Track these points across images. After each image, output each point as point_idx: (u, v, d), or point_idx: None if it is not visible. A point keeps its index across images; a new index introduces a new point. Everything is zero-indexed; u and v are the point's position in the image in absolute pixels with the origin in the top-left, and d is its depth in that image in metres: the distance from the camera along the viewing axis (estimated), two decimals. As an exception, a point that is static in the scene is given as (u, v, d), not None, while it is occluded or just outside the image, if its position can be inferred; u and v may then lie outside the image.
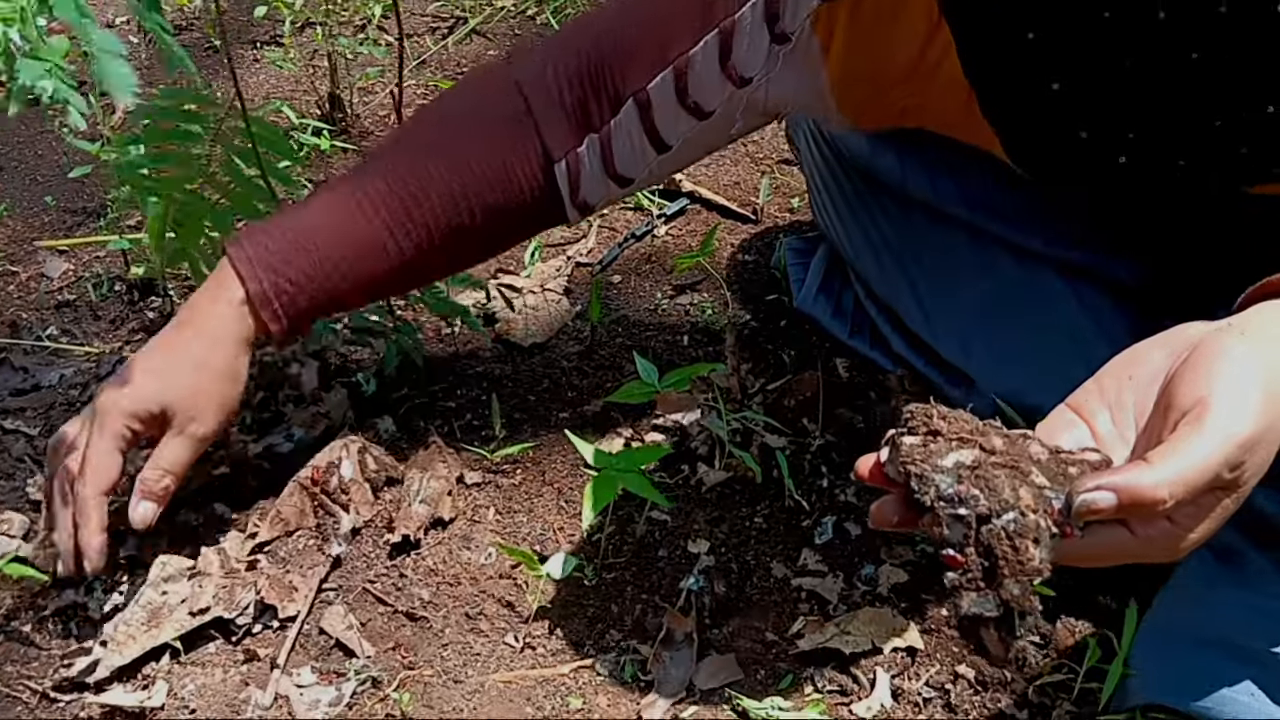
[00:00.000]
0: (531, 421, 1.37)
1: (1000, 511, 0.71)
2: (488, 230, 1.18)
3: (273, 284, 1.12)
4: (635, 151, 1.15)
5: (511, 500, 1.27)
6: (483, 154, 1.14)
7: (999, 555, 0.70)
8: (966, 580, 0.71)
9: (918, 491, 0.72)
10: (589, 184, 1.16)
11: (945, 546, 0.72)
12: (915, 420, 0.75)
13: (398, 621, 1.15)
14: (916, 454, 0.73)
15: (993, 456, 0.73)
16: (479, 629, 1.14)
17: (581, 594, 1.16)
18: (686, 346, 1.47)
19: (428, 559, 1.21)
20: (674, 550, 1.20)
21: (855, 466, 0.78)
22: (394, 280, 1.19)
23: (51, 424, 1.40)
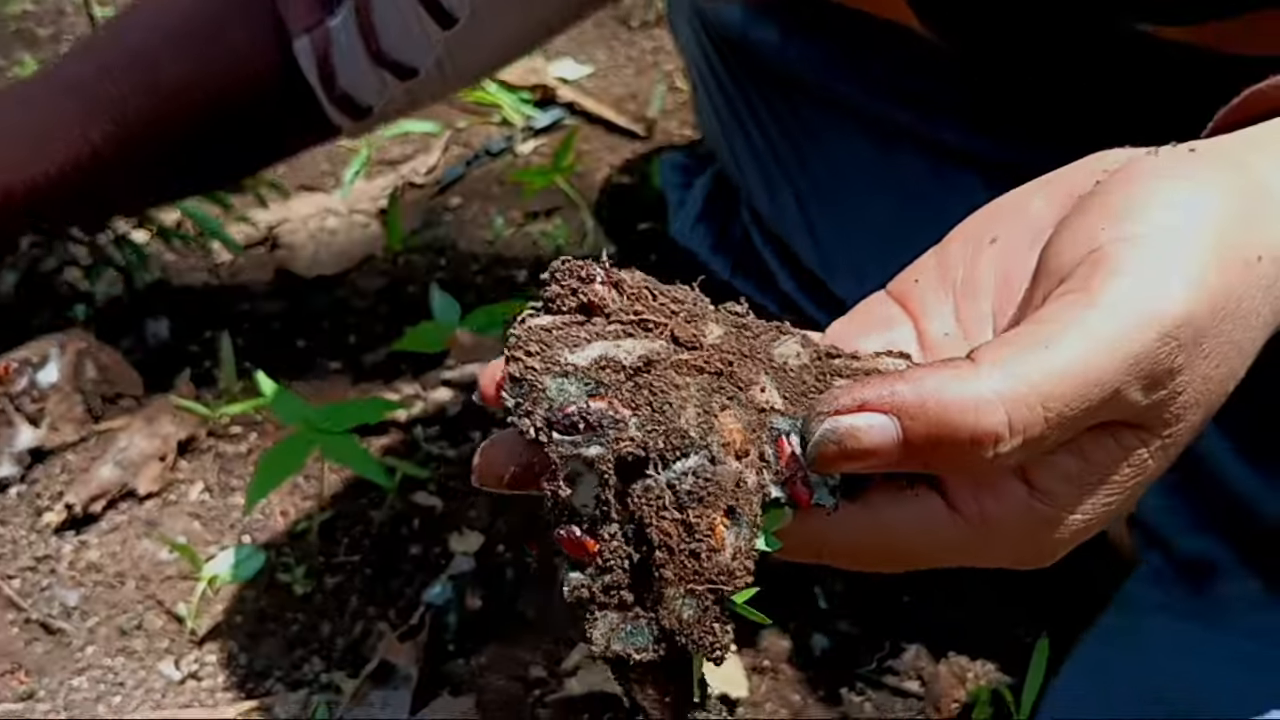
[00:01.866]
0: (288, 372, 1.03)
1: (671, 453, 0.36)
2: (219, 137, 0.91)
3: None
4: (407, 24, 0.83)
5: (230, 474, 0.93)
6: (199, 31, 0.89)
7: (659, 540, 0.36)
8: (603, 587, 0.37)
9: (516, 409, 0.38)
10: (348, 71, 0.86)
11: (562, 519, 0.38)
12: (555, 284, 0.40)
13: (29, 633, 0.82)
14: (532, 342, 0.38)
15: (684, 354, 0.38)
16: (131, 649, 0.80)
17: (286, 606, 0.82)
18: (524, 284, 1.13)
19: (95, 547, 0.87)
20: (432, 547, 0.86)
21: (479, 383, 0.43)
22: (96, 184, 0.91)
23: None
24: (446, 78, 0.89)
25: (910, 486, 0.38)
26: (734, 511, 0.36)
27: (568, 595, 0.37)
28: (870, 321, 0.44)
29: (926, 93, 0.92)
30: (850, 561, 0.40)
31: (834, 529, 0.38)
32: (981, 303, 0.42)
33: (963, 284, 0.43)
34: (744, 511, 0.36)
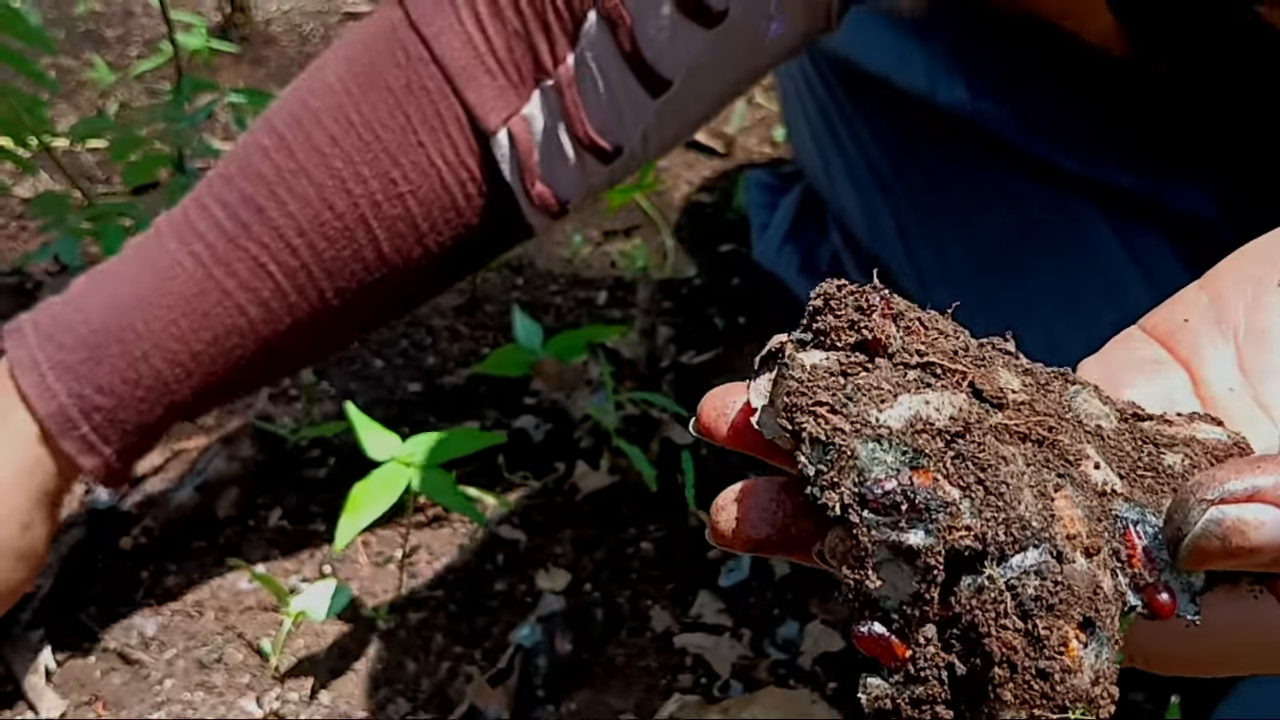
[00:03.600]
0: (364, 393, 1.01)
1: (1010, 547, 0.31)
2: (404, 264, 0.75)
3: (75, 398, 0.72)
4: (617, 98, 0.72)
5: (311, 499, 0.91)
6: (378, 145, 0.72)
7: (1000, 654, 0.30)
8: (911, 699, 0.31)
9: (816, 479, 0.32)
10: (549, 162, 0.74)
11: (866, 614, 0.32)
12: (829, 314, 0.34)
13: (106, 663, 0.80)
14: (823, 390, 0.33)
15: (999, 414, 0.33)
16: (210, 684, 0.78)
17: (369, 643, 0.80)
18: (603, 306, 1.10)
19: (173, 574, 0.85)
20: (518, 585, 0.83)
21: (699, 412, 0.37)
22: (263, 363, 0.76)
23: None
24: (647, 151, 0.77)
25: (1256, 585, 0.33)
26: (1090, 623, 0.30)
27: (866, 704, 0.32)
28: (1132, 364, 0.38)
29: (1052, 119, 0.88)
30: (1162, 666, 0.36)
31: (1164, 635, 0.34)
32: (1272, 355, 0.37)
33: (1247, 330, 0.38)
34: (1103, 624, 0.30)
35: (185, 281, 0.72)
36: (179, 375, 0.73)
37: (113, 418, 0.73)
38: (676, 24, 0.70)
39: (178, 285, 0.72)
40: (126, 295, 0.73)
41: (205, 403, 0.77)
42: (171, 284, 0.73)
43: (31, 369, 0.72)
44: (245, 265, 0.72)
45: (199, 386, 0.74)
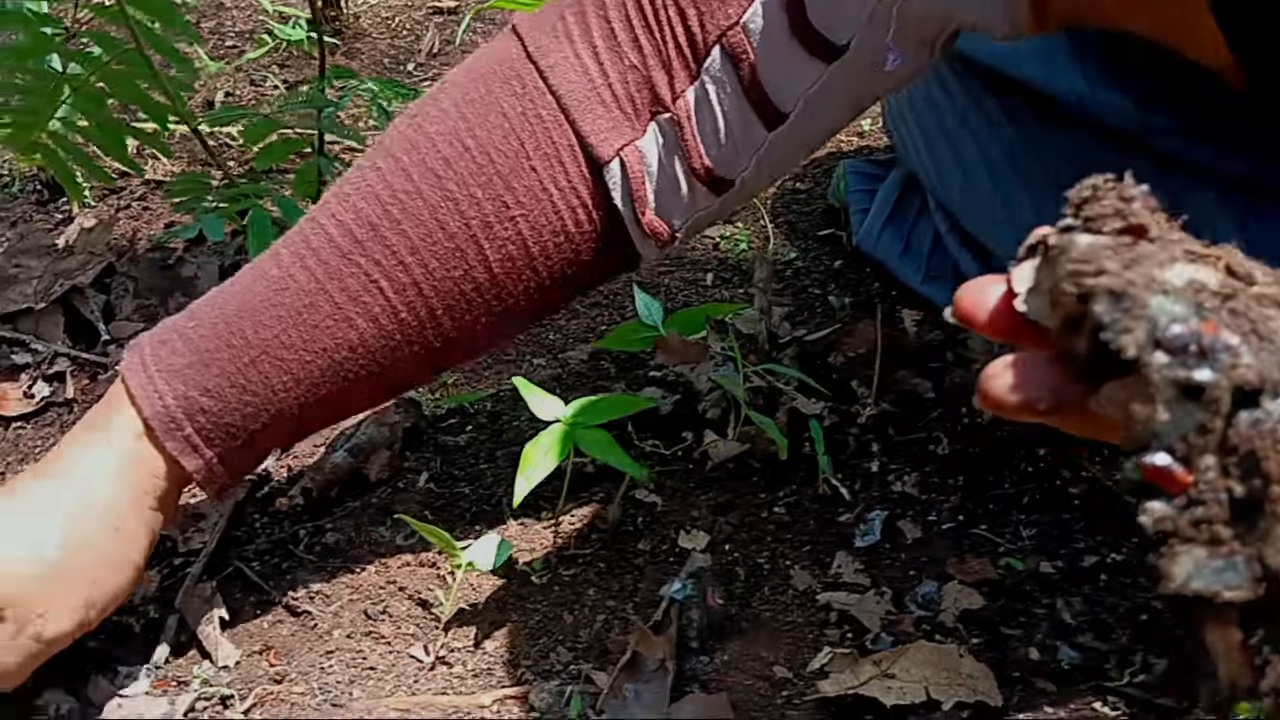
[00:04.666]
0: (494, 367, 1.06)
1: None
2: (512, 286, 0.77)
3: (181, 399, 0.75)
4: (734, 131, 0.75)
5: (453, 465, 0.95)
6: (491, 169, 0.75)
7: (1275, 471, 0.35)
8: (1192, 520, 0.36)
9: (1112, 326, 0.37)
10: (663, 194, 0.76)
11: (1152, 446, 0.36)
12: (1097, 204, 0.40)
13: (274, 615, 0.84)
14: (1107, 258, 0.38)
15: (1253, 287, 0.38)
16: (379, 634, 0.82)
17: (526, 595, 0.84)
18: (710, 287, 1.15)
19: (330, 532, 0.90)
20: (660, 544, 0.88)
21: (955, 301, 0.43)
22: (371, 378, 0.78)
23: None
24: (758, 181, 0.79)
25: None
26: None
27: (1150, 526, 0.36)
28: None
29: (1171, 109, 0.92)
30: None
31: None
32: None
33: None
34: None
35: (297, 293, 0.76)
36: (287, 384, 0.76)
37: (217, 420, 0.76)
38: (798, 59, 0.73)
39: (289, 297, 0.76)
40: (238, 305, 0.77)
41: (310, 418, 0.79)
42: (283, 295, 0.76)
43: (140, 371, 0.76)
44: (357, 280, 0.75)
45: (305, 398, 0.77)
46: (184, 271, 1.08)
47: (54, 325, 1.04)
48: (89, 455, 0.76)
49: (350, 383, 0.78)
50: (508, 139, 0.76)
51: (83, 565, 0.74)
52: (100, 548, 0.74)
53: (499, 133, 0.76)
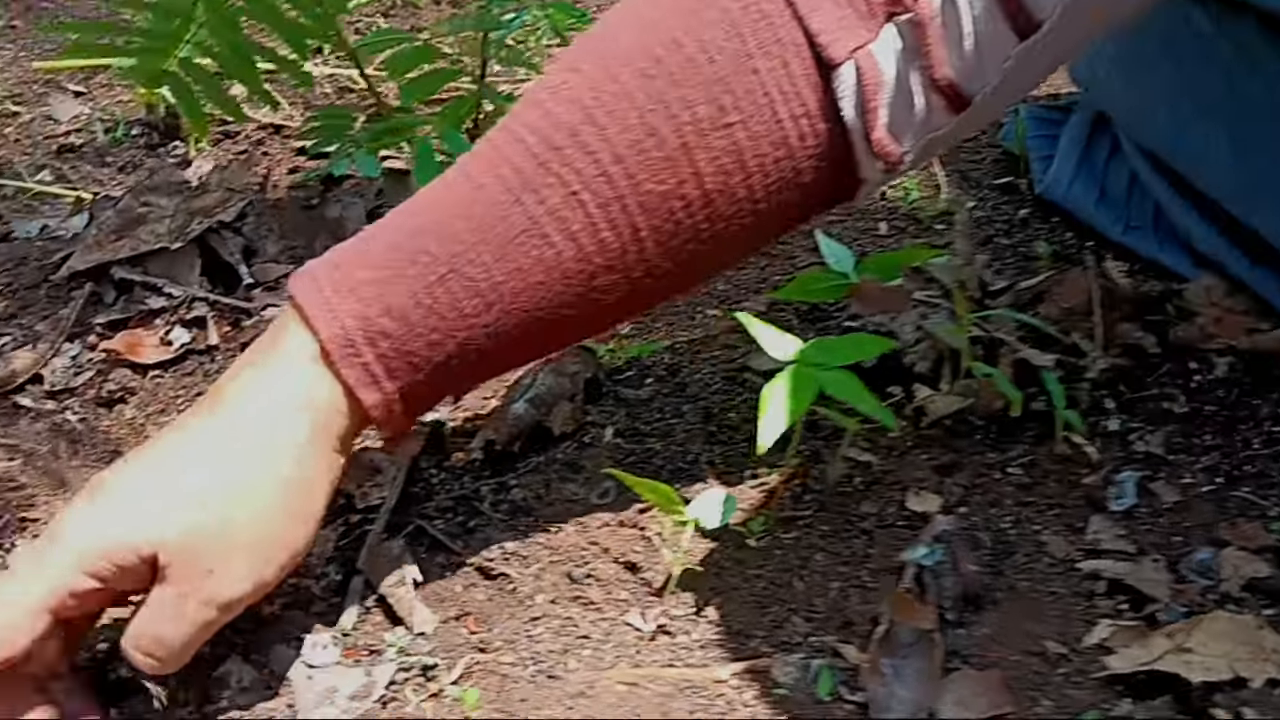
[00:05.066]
0: (664, 319, 0.97)
1: None
2: (724, 207, 0.68)
3: (360, 320, 0.65)
4: (980, 39, 0.66)
5: (637, 420, 0.87)
6: (709, 68, 0.66)
7: None
8: None
9: None
10: (896, 108, 0.67)
11: None
12: None
13: (466, 578, 0.76)
14: None
15: None
16: (587, 599, 0.74)
17: (744, 560, 0.76)
18: (885, 236, 1.06)
19: (517, 489, 0.81)
20: (886, 506, 0.79)
21: None
22: (561, 313, 0.69)
23: (19, 285, 1.03)
24: (996, 102, 0.70)
25: None
26: None
27: None
28: None
29: None
30: None
31: None
32: None
33: None
34: None
35: (489, 206, 0.67)
36: (476, 308, 0.67)
37: (400, 347, 0.66)
38: None
39: (479, 210, 0.67)
40: (422, 221, 0.68)
41: (492, 354, 0.69)
42: (473, 208, 0.67)
43: (314, 291, 0.66)
44: (556, 192, 0.66)
45: (492, 327, 0.67)
46: (328, 212, 0.99)
47: (189, 267, 0.96)
48: (258, 390, 0.66)
49: (539, 315, 0.68)
50: (728, 36, 0.66)
51: (258, 516, 0.65)
52: (278, 495, 0.65)
53: (717, 29, 0.67)
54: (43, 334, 0.95)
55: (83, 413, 0.90)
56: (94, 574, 0.62)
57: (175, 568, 0.63)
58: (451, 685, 0.68)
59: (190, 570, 0.63)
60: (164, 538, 0.62)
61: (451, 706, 0.68)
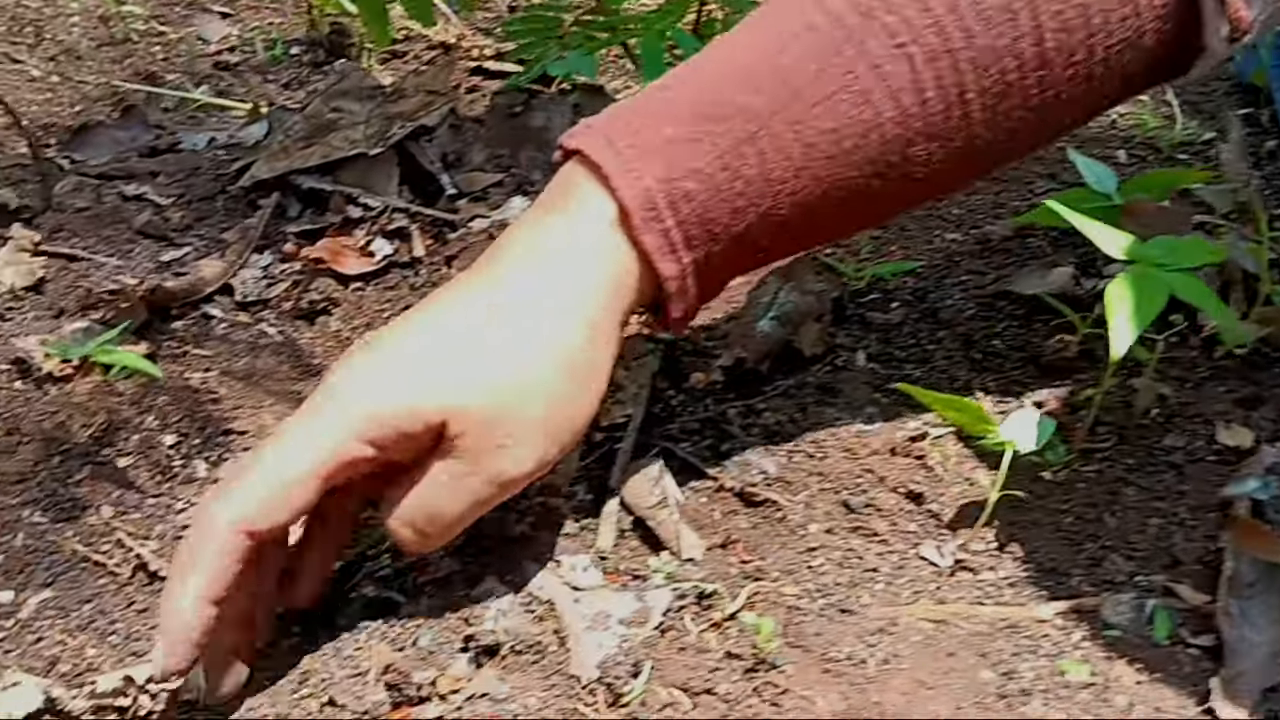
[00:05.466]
0: (900, 240, 0.89)
1: None
2: (1061, 69, 0.60)
3: (663, 182, 0.58)
4: None
5: (890, 344, 0.79)
6: None
7: None
8: None
9: None
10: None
11: None
12: None
13: (725, 504, 0.68)
14: None
15: None
16: (869, 530, 0.66)
17: (1044, 493, 0.68)
18: (1126, 165, 0.98)
19: (767, 411, 0.73)
20: (1193, 439, 0.70)
21: None
22: (869, 185, 0.61)
23: (192, 196, 0.97)
24: None
25: None
26: None
27: None
28: None
29: None
30: None
31: None
32: None
33: None
34: None
35: (801, 57, 0.59)
36: (783, 173, 0.59)
37: (702, 214, 0.59)
38: None
39: (790, 64, 0.59)
40: (721, 73, 0.60)
41: (793, 228, 0.62)
42: (781, 59, 0.59)
43: (610, 150, 0.59)
44: (881, 44, 0.58)
45: (799, 196, 0.60)
46: (531, 121, 0.92)
47: (386, 176, 0.89)
48: (549, 253, 0.59)
49: (846, 185, 0.61)
50: None
51: (550, 388, 0.57)
52: (567, 367, 0.57)
53: None
54: (229, 244, 0.89)
55: (280, 325, 0.83)
56: (373, 441, 0.55)
57: (467, 439, 0.56)
58: (740, 609, 0.61)
59: (482, 442, 0.56)
60: (461, 405, 0.55)
61: (738, 638, 0.60)
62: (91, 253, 0.89)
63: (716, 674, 0.59)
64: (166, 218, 0.93)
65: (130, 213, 0.95)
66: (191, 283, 0.84)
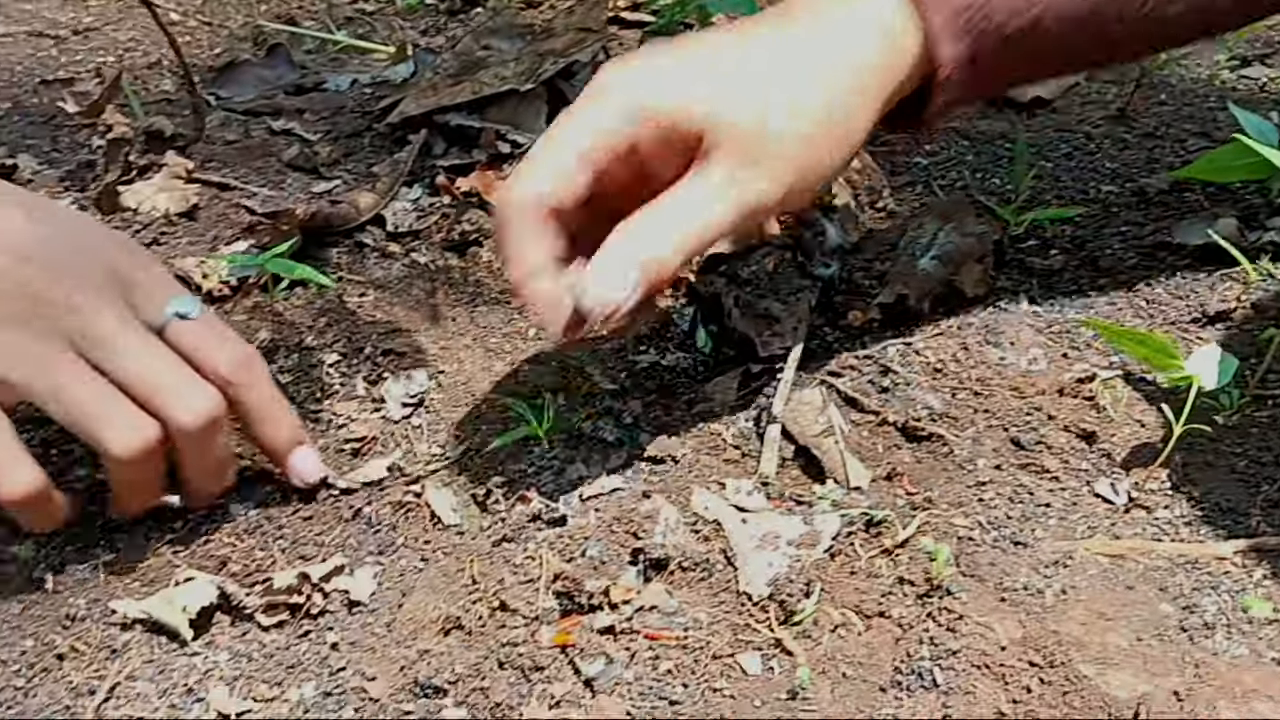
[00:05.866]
0: (1057, 191, 0.88)
1: None
2: None
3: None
4: None
5: (1052, 290, 0.77)
6: None
7: None
8: None
9: None
10: None
11: None
12: None
13: (887, 438, 0.68)
14: None
15: None
16: (1040, 466, 0.65)
17: (1218, 437, 0.66)
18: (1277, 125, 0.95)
19: (927, 349, 0.72)
20: (1377, 389, 0.68)
21: None
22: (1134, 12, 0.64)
23: (339, 133, 0.98)
24: None
25: None
26: None
27: None
28: None
29: None
30: None
31: None
32: None
33: None
34: None
35: None
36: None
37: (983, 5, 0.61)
38: None
39: None
40: None
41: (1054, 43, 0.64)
42: None
43: None
44: None
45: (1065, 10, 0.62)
46: None
47: (534, 114, 0.89)
48: (834, 15, 0.62)
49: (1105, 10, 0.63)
50: None
51: (812, 123, 0.60)
52: (830, 110, 0.60)
53: None
54: (378, 177, 0.89)
55: (430, 255, 0.84)
56: (638, 133, 0.58)
57: (722, 154, 0.58)
58: (912, 533, 0.60)
59: (737, 161, 0.58)
60: (729, 117, 0.58)
61: (909, 565, 0.59)
62: (243, 182, 0.91)
63: (889, 598, 0.58)
64: (315, 152, 0.94)
65: (279, 147, 0.96)
66: (345, 212, 0.85)
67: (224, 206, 0.89)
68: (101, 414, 0.57)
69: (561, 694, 0.54)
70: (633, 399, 0.71)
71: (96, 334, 0.58)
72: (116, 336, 0.58)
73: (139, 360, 0.58)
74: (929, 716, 0.53)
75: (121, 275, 0.60)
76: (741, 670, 0.55)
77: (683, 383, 0.72)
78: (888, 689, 0.54)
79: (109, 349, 0.58)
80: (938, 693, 0.54)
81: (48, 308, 0.57)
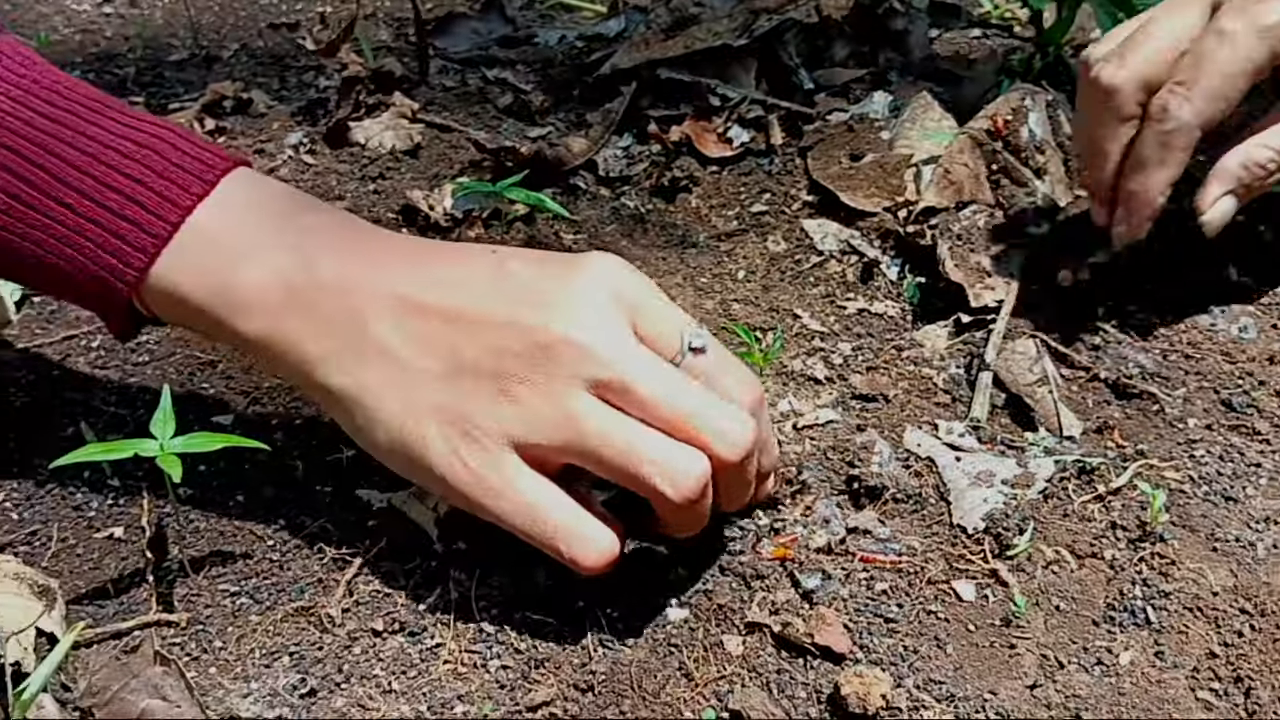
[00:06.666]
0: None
1: None
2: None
3: None
4: None
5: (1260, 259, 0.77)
6: None
7: None
8: None
9: None
10: None
11: None
12: None
13: (1097, 393, 0.69)
14: None
15: None
16: (1251, 428, 0.66)
17: None
18: None
19: (1140, 312, 0.73)
20: None
21: None
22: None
23: (549, 84, 1.02)
24: None
25: None
26: None
27: None
28: None
29: None
30: None
31: None
32: None
33: None
34: None
35: None
36: None
37: None
38: None
39: None
40: None
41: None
42: None
43: None
44: None
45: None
46: (892, 24, 0.94)
47: (745, 70, 0.92)
48: None
49: None
50: None
51: None
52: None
53: None
54: (590, 125, 0.93)
55: (640, 200, 0.87)
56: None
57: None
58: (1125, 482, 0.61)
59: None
60: None
61: (1122, 511, 0.61)
62: (462, 125, 0.95)
63: (1102, 541, 0.59)
64: (529, 100, 0.98)
65: (494, 94, 1.00)
66: (561, 154, 0.89)
67: (444, 147, 0.94)
68: (651, 460, 0.52)
69: (782, 601, 0.57)
70: (842, 341, 0.73)
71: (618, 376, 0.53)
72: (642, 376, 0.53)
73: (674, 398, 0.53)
74: (1142, 651, 0.54)
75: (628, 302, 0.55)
76: (956, 595, 0.57)
77: (890, 329, 0.74)
78: (1100, 623, 0.56)
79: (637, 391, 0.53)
80: (1150, 630, 0.55)
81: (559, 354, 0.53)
